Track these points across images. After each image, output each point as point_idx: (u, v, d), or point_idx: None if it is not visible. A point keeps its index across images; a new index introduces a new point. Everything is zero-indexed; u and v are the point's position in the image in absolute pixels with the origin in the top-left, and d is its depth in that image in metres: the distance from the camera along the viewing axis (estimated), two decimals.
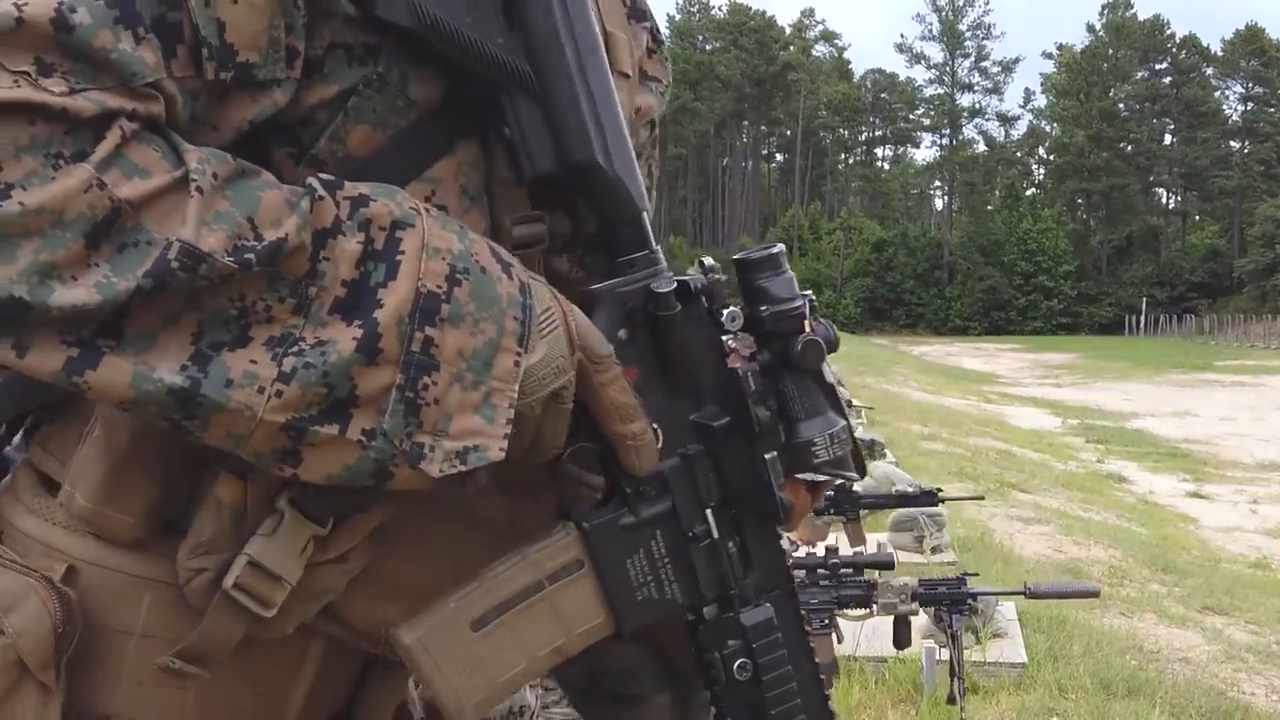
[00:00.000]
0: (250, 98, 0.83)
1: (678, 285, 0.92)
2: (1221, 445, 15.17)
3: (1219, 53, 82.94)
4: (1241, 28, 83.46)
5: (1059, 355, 42.04)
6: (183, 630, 0.88)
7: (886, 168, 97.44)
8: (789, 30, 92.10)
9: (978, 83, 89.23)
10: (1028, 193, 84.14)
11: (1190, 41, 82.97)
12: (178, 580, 0.88)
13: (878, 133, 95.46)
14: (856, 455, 0.97)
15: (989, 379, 29.58)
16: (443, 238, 0.82)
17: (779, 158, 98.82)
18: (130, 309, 0.73)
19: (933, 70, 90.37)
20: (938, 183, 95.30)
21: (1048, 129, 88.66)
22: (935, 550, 6.58)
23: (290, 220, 0.76)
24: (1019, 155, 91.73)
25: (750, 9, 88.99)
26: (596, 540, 0.90)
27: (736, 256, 0.96)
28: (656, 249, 0.94)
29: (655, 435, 0.90)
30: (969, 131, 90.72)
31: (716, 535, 0.93)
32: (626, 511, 0.91)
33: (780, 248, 0.97)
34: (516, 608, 0.88)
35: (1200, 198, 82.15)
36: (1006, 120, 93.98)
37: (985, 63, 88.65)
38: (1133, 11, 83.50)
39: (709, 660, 0.95)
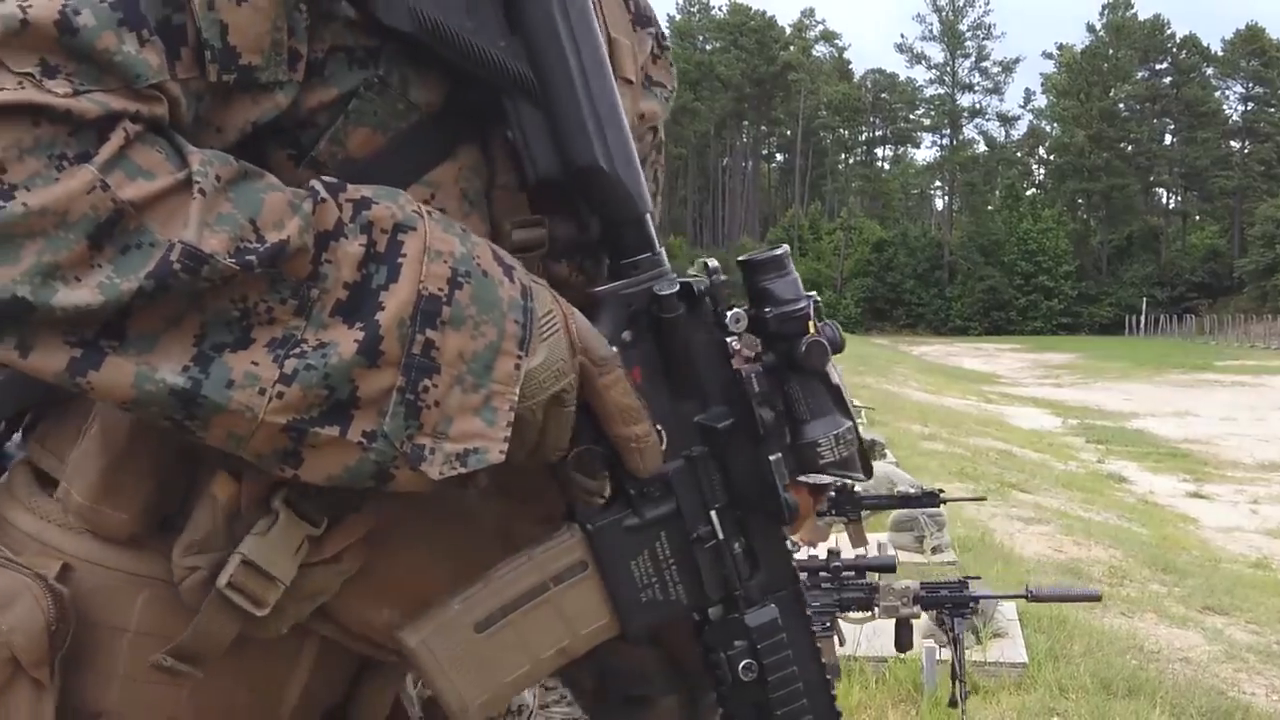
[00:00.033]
0: (253, 100, 0.83)
1: (681, 287, 0.92)
2: (1222, 445, 15.15)
3: (1219, 53, 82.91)
4: (1242, 28, 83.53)
5: (1059, 355, 42.01)
6: (177, 628, 0.88)
7: (887, 168, 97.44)
8: (789, 30, 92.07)
9: (978, 83, 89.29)
10: (1028, 193, 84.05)
11: (1190, 41, 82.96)
12: (172, 578, 0.88)
13: (878, 133, 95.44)
14: (863, 456, 0.97)
15: (989, 379, 29.56)
16: (445, 241, 0.82)
17: (779, 158, 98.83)
18: (133, 310, 0.73)
19: (933, 70, 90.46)
20: (938, 183, 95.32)
21: (1048, 129, 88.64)
22: (935, 550, 6.57)
23: (293, 222, 0.76)
24: (1019, 155, 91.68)
25: (750, 9, 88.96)
26: (601, 542, 0.90)
27: (741, 258, 0.96)
28: (660, 251, 0.94)
29: (660, 437, 0.90)
30: (969, 131, 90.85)
31: (721, 536, 0.94)
32: (631, 513, 0.91)
33: (785, 249, 0.97)
34: (521, 609, 0.88)
35: (1200, 198, 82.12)
36: (1007, 120, 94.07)
37: (985, 63, 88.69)
38: (1133, 11, 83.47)
39: (714, 661, 0.96)
